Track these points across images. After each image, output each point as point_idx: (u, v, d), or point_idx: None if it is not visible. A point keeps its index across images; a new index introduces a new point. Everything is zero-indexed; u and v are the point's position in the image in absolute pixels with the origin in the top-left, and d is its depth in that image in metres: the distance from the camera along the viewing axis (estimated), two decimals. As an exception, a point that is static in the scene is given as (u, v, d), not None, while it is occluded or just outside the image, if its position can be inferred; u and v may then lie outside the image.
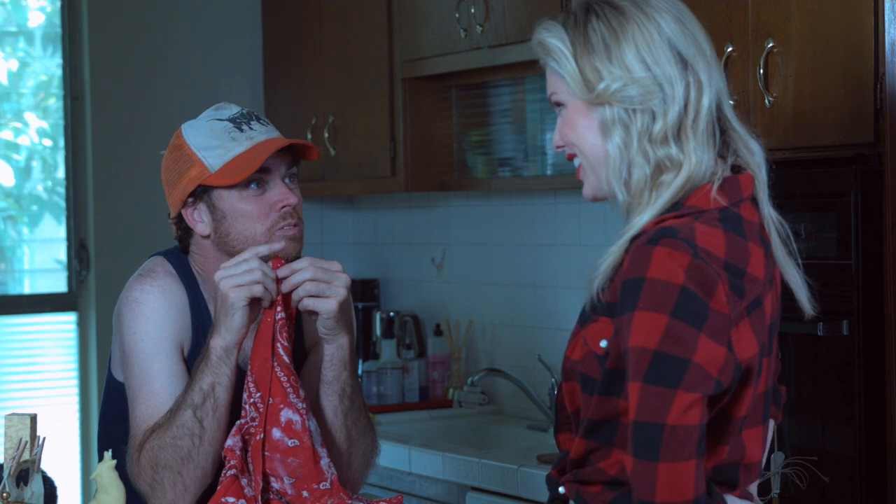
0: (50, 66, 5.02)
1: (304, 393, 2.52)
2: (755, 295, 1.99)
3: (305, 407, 2.51)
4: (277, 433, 2.48)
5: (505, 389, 4.53)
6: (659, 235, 1.95)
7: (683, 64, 2.02)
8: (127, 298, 2.63)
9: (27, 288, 5.04)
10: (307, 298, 2.50)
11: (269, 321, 2.50)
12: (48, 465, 2.53)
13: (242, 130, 2.59)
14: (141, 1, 5.02)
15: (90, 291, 4.97)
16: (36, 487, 2.31)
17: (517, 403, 4.48)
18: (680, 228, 1.96)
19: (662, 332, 1.89)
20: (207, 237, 2.63)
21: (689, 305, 1.90)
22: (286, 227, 2.58)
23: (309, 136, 4.84)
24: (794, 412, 2.97)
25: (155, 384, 2.56)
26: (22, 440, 2.31)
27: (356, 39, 4.66)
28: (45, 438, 2.35)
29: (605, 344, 2.00)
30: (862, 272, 2.85)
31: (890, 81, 2.83)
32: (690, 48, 2.03)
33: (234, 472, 2.46)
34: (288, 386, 2.49)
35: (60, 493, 2.65)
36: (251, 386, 2.49)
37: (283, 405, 2.48)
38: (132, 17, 5.00)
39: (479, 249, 4.70)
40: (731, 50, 3.15)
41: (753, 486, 2.17)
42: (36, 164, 5.04)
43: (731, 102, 2.10)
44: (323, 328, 2.56)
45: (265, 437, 2.47)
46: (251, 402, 2.49)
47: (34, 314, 5.01)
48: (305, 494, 2.48)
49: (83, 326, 5.02)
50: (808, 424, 2.94)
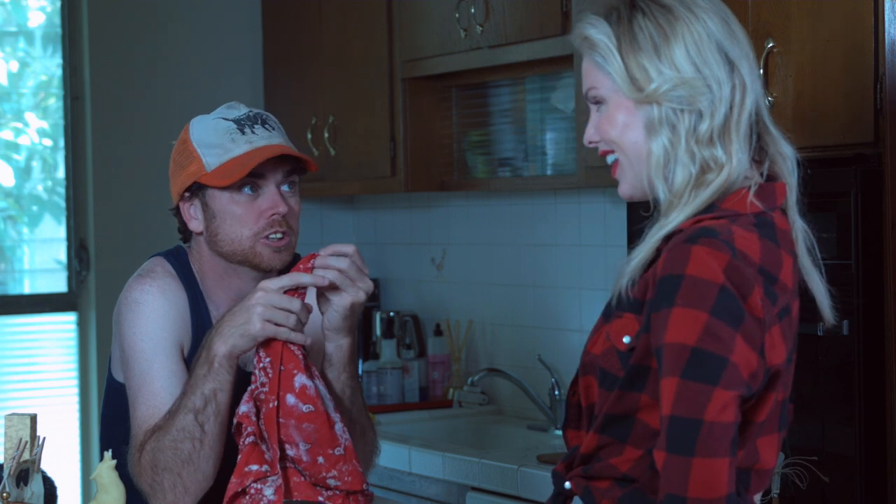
0: (50, 66, 5.02)
1: (312, 363, 2.52)
2: (785, 302, 1.99)
3: (318, 373, 2.50)
4: (292, 399, 2.46)
5: (505, 389, 4.53)
6: (698, 234, 1.94)
7: (730, 66, 2.02)
8: (126, 299, 2.63)
9: (27, 288, 5.04)
10: (329, 290, 2.51)
11: None
12: (48, 465, 2.53)
13: (244, 133, 2.59)
14: (141, 1, 5.02)
15: (90, 291, 4.97)
16: (36, 487, 2.31)
17: (517, 403, 4.48)
18: (719, 229, 1.95)
19: (702, 329, 1.89)
20: (200, 234, 2.64)
21: (727, 305, 1.90)
22: (272, 235, 2.58)
23: (309, 135, 4.84)
24: (794, 412, 2.97)
25: (155, 384, 2.56)
26: (22, 440, 2.31)
27: (356, 39, 4.66)
28: (45, 438, 2.35)
29: (628, 340, 1.99)
30: (862, 272, 2.85)
31: (890, 81, 2.83)
32: (736, 49, 2.03)
33: (252, 438, 2.45)
34: (299, 353, 2.48)
35: (60, 493, 2.65)
36: (260, 352, 2.48)
37: (296, 370, 2.47)
38: (132, 17, 5.00)
39: (479, 249, 4.70)
40: (731, 50, 3.15)
41: (757, 495, 2.17)
42: (36, 164, 5.04)
43: (766, 102, 2.09)
44: (328, 322, 2.55)
45: (279, 403, 2.46)
46: (260, 366, 2.48)
47: (34, 314, 5.01)
48: (321, 461, 2.46)
49: (83, 326, 5.02)
50: (808, 424, 2.94)
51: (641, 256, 2.00)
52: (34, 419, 2.36)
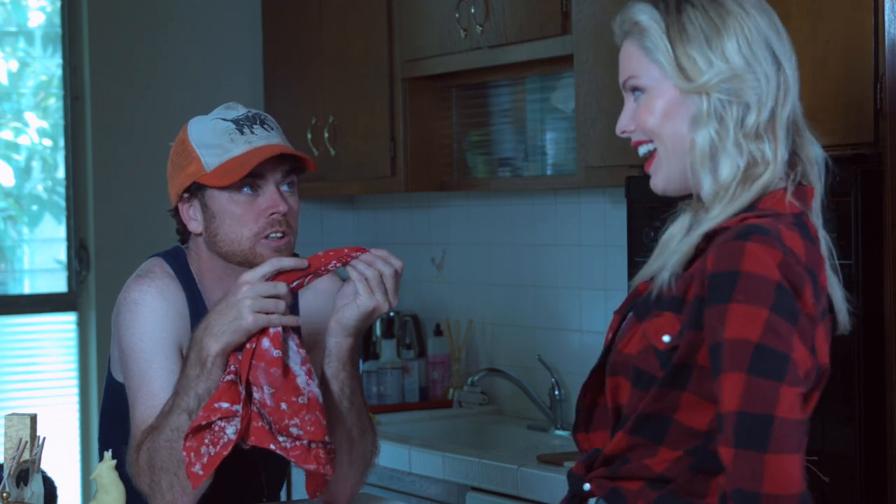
0: (50, 66, 5.02)
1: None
2: (826, 303, 2.00)
3: (297, 340, 2.52)
4: (266, 342, 2.48)
5: (505, 389, 4.53)
6: (749, 231, 1.94)
7: (777, 63, 2.02)
8: (125, 300, 2.63)
9: (27, 288, 5.04)
10: (359, 284, 2.50)
11: None
12: (48, 465, 2.53)
13: (243, 133, 2.59)
14: (141, 1, 5.02)
15: (90, 291, 4.97)
16: (36, 487, 2.31)
17: (517, 403, 4.48)
18: (768, 227, 1.95)
19: (763, 325, 1.88)
20: (199, 235, 2.64)
21: (785, 302, 1.90)
22: (272, 235, 2.58)
23: (309, 136, 4.84)
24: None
25: (154, 384, 2.56)
26: (22, 440, 2.31)
27: (356, 39, 4.66)
28: (45, 438, 2.35)
29: (668, 339, 1.98)
30: (862, 272, 2.85)
31: (890, 81, 2.83)
32: (782, 48, 2.04)
33: (232, 377, 2.46)
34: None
35: (60, 493, 2.65)
36: None
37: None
38: (132, 17, 5.00)
39: (479, 249, 4.70)
40: (731, 50, 3.15)
41: None
42: (36, 164, 5.04)
43: (801, 106, 2.09)
44: (343, 317, 2.54)
45: (256, 346, 2.48)
46: None
47: (34, 314, 5.01)
48: (284, 407, 2.46)
49: (83, 326, 5.02)
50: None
51: (682, 254, 1.99)
52: (34, 419, 2.36)
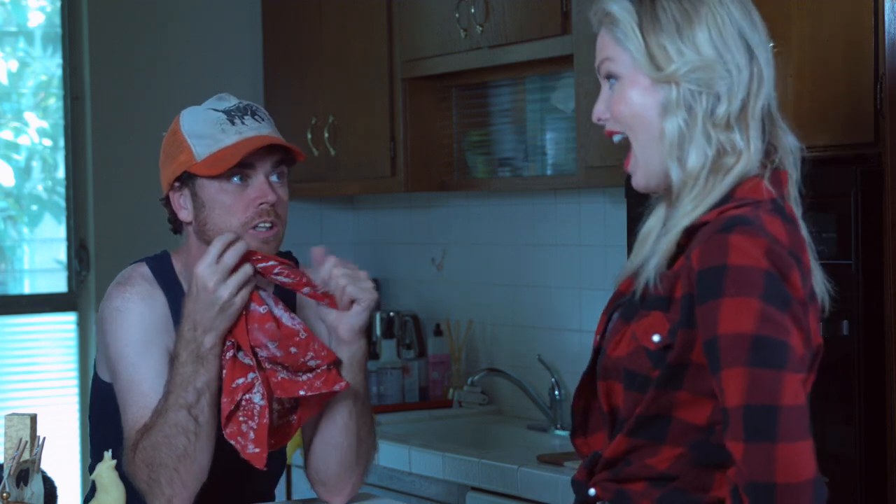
0: (50, 66, 5.02)
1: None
2: (811, 285, 2.00)
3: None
4: (252, 305, 2.53)
5: (505, 389, 4.53)
6: (731, 223, 1.94)
7: (750, 53, 2.02)
8: (108, 307, 2.67)
9: (27, 288, 5.04)
10: (350, 287, 2.53)
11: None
12: (48, 465, 2.53)
13: (234, 124, 2.61)
14: (141, 1, 5.02)
15: (90, 291, 4.97)
16: (36, 487, 2.31)
17: (517, 403, 4.48)
18: (749, 216, 1.95)
19: (757, 315, 1.88)
20: (189, 224, 2.66)
21: (775, 289, 1.90)
22: (261, 225, 2.60)
23: (309, 136, 4.84)
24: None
25: (144, 386, 2.58)
26: (22, 440, 2.31)
27: (356, 39, 4.66)
28: (45, 438, 2.35)
29: (658, 339, 1.98)
30: (862, 272, 2.85)
31: (890, 81, 2.83)
32: (756, 38, 2.03)
33: (231, 353, 2.52)
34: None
35: (60, 493, 2.65)
36: None
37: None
38: (132, 17, 5.00)
39: (479, 249, 4.70)
40: (731, 50, 3.15)
41: None
42: (36, 164, 5.04)
43: (775, 94, 2.09)
44: (350, 326, 2.57)
45: (246, 313, 2.52)
46: None
47: (34, 314, 5.01)
48: (293, 350, 2.51)
49: (83, 326, 5.02)
50: (808, 424, 2.94)
51: (663, 252, 1.99)
52: (34, 419, 2.36)
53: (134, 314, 2.63)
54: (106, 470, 2.33)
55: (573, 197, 4.28)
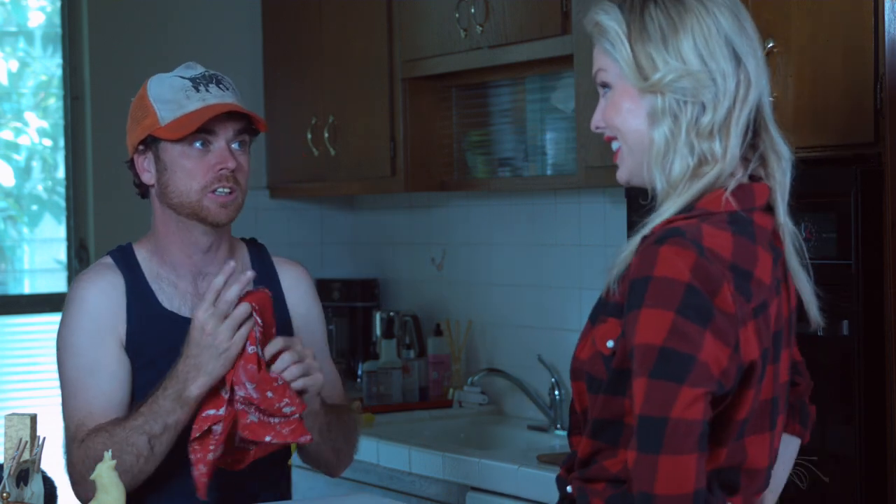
0: (50, 66, 5.02)
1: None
2: (762, 299, 1.99)
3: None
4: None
5: (505, 389, 4.53)
6: (666, 235, 1.96)
7: (737, 61, 2.02)
8: (67, 297, 2.75)
9: (27, 288, 5.04)
10: (301, 380, 2.55)
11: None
12: (48, 465, 2.53)
13: (198, 91, 2.70)
14: (141, 1, 5.02)
15: (90, 291, 4.96)
16: (36, 487, 2.31)
17: (517, 403, 4.48)
18: (686, 229, 1.97)
19: (668, 328, 1.90)
20: (152, 186, 2.74)
21: (694, 303, 1.91)
22: (220, 189, 2.67)
23: (309, 135, 4.84)
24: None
25: (87, 378, 2.66)
26: (22, 440, 2.31)
27: (356, 39, 4.65)
28: (45, 438, 2.35)
29: (611, 344, 2.01)
30: (862, 272, 2.85)
31: (890, 81, 2.83)
32: (744, 45, 2.04)
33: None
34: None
35: (60, 493, 2.65)
36: None
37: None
38: (132, 17, 5.00)
39: (479, 249, 4.70)
40: (731, 50, 3.15)
41: (771, 495, 2.16)
42: (36, 164, 5.04)
43: (770, 100, 2.09)
44: (311, 406, 2.61)
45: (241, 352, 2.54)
46: None
47: (34, 314, 5.01)
48: (270, 395, 2.52)
49: (83, 326, 5.02)
50: (808, 424, 2.94)
51: (624, 256, 2.01)
52: (34, 419, 2.36)
53: (88, 303, 2.71)
54: (106, 470, 2.33)
55: (573, 197, 4.27)
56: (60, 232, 5.02)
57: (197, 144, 2.67)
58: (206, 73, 2.76)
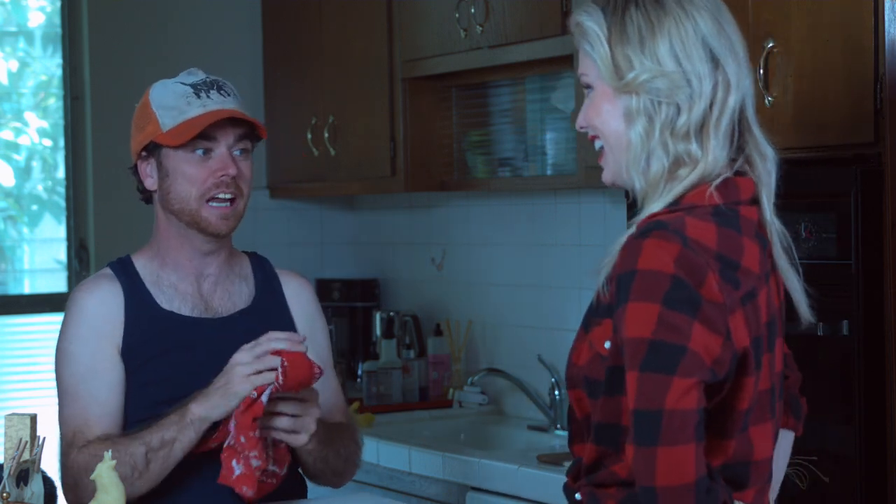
0: (50, 66, 5.02)
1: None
2: (750, 287, 2.00)
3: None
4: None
5: (505, 389, 4.53)
6: (649, 228, 1.97)
7: (714, 63, 2.03)
8: (67, 305, 2.76)
9: (27, 288, 5.04)
10: (281, 433, 2.57)
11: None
12: (48, 465, 2.53)
13: (199, 97, 2.69)
14: (141, 1, 5.02)
15: (90, 291, 4.96)
16: (36, 487, 2.31)
17: (517, 403, 4.48)
18: (669, 221, 1.98)
19: (656, 320, 1.91)
20: (154, 192, 2.75)
21: (680, 293, 1.92)
22: (220, 195, 2.68)
23: (309, 135, 4.84)
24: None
25: (80, 387, 2.67)
26: (22, 440, 2.31)
27: (356, 39, 4.65)
28: (45, 438, 2.35)
29: (608, 345, 2.01)
30: (862, 272, 2.85)
31: (890, 81, 2.83)
32: (723, 47, 2.04)
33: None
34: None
35: (60, 493, 2.66)
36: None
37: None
38: (132, 17, 5.00)
39: (479, 249, 4.70)
40: (731, 50, 3.15)
41: (771, 492, 2.16)
42: (36, 164, 5.04)
43: (753, 102, 2.10)
44: (307, 447, 2.64)
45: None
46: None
47: (34, 314, 5.01)
48: (243, 440, 2.56)
49: (83, 326, 5.02)
50: (808, 424, 2.93)
51: (611, 258, 2.02)
52: (34, 419, 2.36)
53: (85, 312, 2.71)
54: (106, 470, 2.33)
55: (573, 197, 4.27)
56: (60, 232, 5.02)
57: (198, 151, 2.68)
58: (207, 78, 2.75)
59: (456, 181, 4.55)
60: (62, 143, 5.00)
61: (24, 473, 2.29)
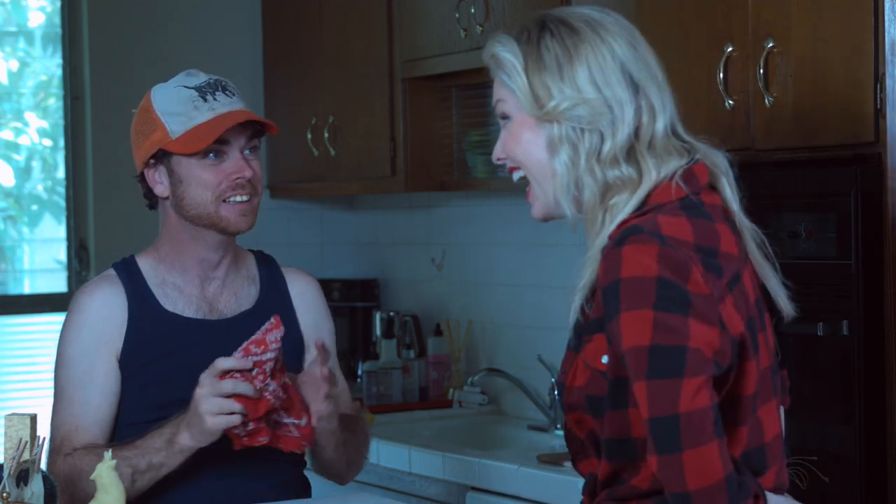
0: (50, 66, 5.02)
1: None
2: (734, 271, 2.01)
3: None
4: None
5: (505, 389, 4.53)
6: (624, 236, 1.97)
7: (635, 88, 2.04)
8: (69, 309, 2.76)
9: (27, 288, 5.04)
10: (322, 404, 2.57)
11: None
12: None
13: (206, 101, 2.66)
14: (141, 1, 5.02)
15: (90, 291, 4.97)
16: (36, 487, 2.31)
17: (517, 403, 4.48)
18: (643, 224, 1.98)
19: (651, 326, 1.91)
20: (166, 199, 2.72)
21: (669, 294, 1.92)
22: (236, 198, 2.66)
23: (309, 135, 4.84)
24: (794, 412, 2.96)
25: (77, 393, 2.67)
26: (22, 440, 2.31)
27: (356, 39, 4.65)
28: (45, 438, 2.35)
29: (606, 360, 2.00)
30: (862, 272, 2.85)
31: (890, 81, 2.83)
32: (642, 72, 2.05)
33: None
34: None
35: (60, 493, 2.65)
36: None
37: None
38: (132, 17, 5.00)
39: (479, 249, 4.70)
40: (730, 50, 3.15)
41: (783, 471, 2.16)
42: (36, 164, 5.04)
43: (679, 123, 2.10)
44: (326, 427, 2.62)
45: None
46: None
47: (34, 314, 5.01)
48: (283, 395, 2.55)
49: (83, 326, 5.02)
50: (808, 424, 2.94)
51: (587, 276, 2.03)
52: (34, 419, 2.36)
53: (85, 315, 2.71)
54: (106, 470, 2.33)
55: (573, 197, 4.27)
56: (60, 232, 5.02)
57: (211, 156, 2.66)
58: (209, 80, 2.72)
59: (456, 181, 4.55)
60: (62, 143, 5.00)
61: (24, 473, 2.29)
